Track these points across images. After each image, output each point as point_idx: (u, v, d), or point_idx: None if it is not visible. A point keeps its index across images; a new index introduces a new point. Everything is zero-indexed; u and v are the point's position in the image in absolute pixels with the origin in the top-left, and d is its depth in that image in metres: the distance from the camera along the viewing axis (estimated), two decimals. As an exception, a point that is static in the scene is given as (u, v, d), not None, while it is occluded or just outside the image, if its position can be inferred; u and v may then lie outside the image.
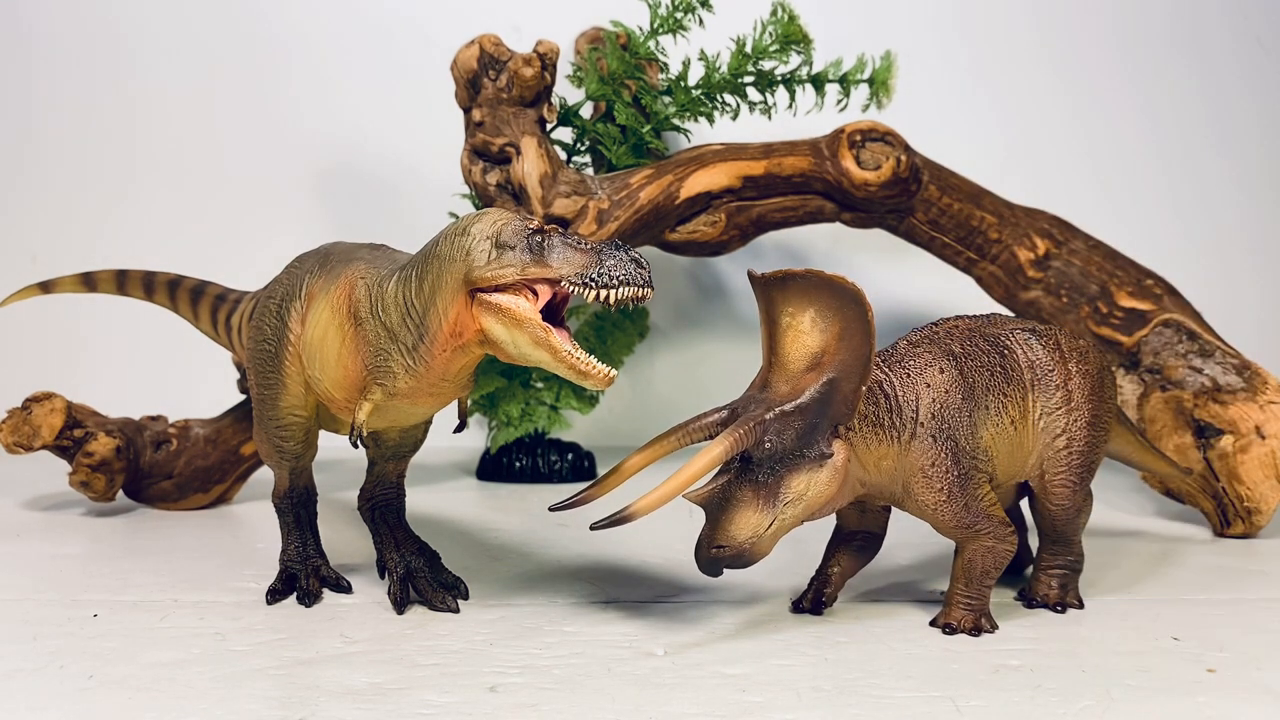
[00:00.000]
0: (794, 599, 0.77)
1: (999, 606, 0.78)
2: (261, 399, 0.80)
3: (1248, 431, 1.01)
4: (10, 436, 1.05)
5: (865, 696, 0.61)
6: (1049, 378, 0.74)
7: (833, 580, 0.77)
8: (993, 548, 0.71)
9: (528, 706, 0.59)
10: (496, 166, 1.09)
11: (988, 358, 0.73)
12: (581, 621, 0.74)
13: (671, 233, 1.15)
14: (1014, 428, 0.73)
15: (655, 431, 0.72)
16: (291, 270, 0.82)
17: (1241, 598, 0.82)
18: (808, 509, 0.68)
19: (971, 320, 0.76)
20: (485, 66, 1.08)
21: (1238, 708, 0.60)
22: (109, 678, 0.63)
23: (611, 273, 0.64)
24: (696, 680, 0.64)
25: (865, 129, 1.14)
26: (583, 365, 0.65)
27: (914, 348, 0.73)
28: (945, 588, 0.83)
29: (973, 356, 0.73)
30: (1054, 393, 0.74)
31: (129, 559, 0.91)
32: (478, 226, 0.67)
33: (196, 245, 1.46)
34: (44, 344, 1.47)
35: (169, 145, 1.49)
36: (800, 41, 1.14)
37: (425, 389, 0.71)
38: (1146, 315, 1.11)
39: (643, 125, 1.16)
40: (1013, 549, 0.72)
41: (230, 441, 1.11)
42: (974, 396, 0.71)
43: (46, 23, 1.48)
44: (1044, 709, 0.60)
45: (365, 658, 0.67)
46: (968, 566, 0.72)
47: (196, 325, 1.01)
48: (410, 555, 0.80)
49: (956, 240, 1.17)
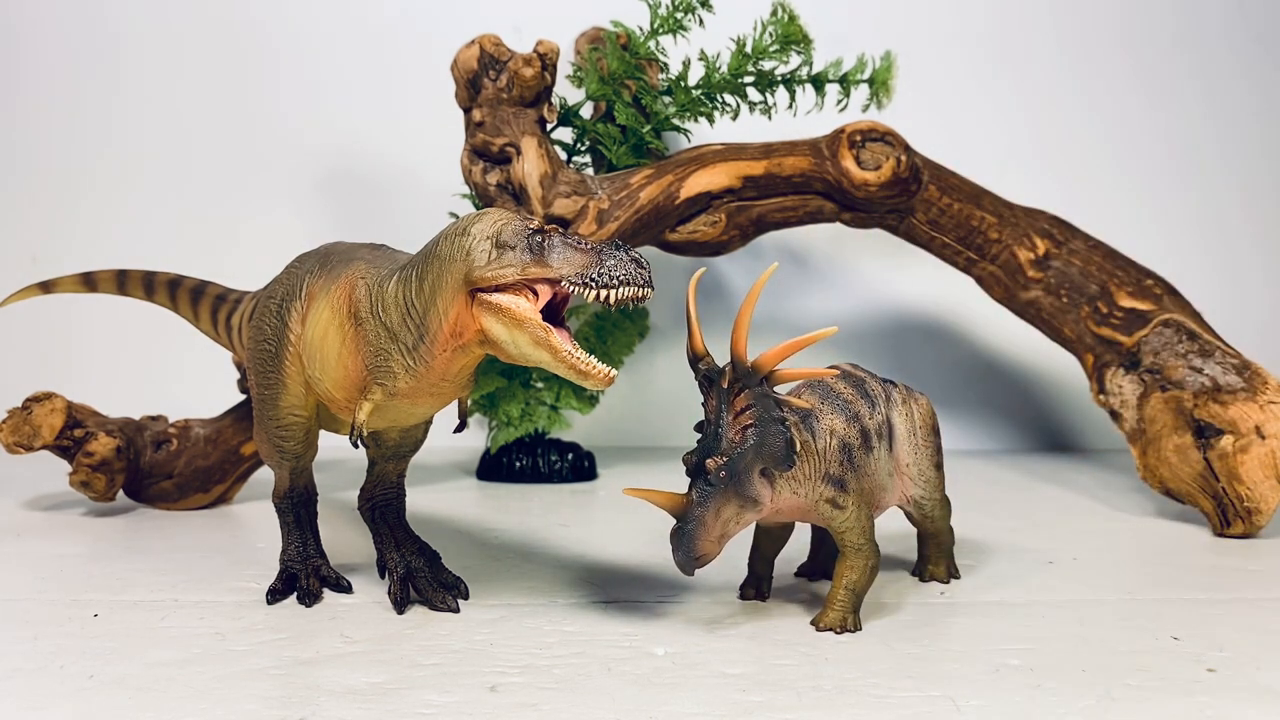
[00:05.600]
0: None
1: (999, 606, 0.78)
2: (261, 399, 0.80)
3: (1248, 431, 1.01)
4: (10, 436, 1.05)
5: (865, 696, 0.61)
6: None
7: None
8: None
9: (528, 706, 0.59)
10: (496, 166, 1.09)
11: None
12: (581, 621, 0.74)
13: (671, 233, 1.15)
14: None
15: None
16: (291, 270, 0.82)
17: (1241, 598, 0.82)
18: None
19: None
20: (485, 66, 1.08)
21: (1238, 708, 0.60)
22: (109, 678, 0.63)
23: (612, 273, 0.64)
24: (696, 680, 0.64)
25: (865, 129, 1.14)
26: (583, 365, 0.65)
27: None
28: (945, 588, 0.84)
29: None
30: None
31: (129, 559, 0.91)
32: (478, 226, 0.67)
33: (196, 245, 1.46)
34: (44, 344, 1.47)
35: (169, 145, 1.49)
36: (800, 41, 1.14)
37: (425, 389, 0.71)
38: (1146, 315, 1.11)
39: (643, 125, 1.16)
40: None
41: (230, 441, 1.11)
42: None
43: (47, 23, 1.48)
44: (1044, 709, 0.60)
45: (365, 658, 0.67)
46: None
47: (196, 325, 1.01)
48: (410, 555, 0.80)
49: (956, 240, 1.17)
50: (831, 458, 0.72)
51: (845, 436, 0.73)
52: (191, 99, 1.49)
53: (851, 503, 0.73)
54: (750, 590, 0.80)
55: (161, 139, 1.49)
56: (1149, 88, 1.54)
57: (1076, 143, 1.54)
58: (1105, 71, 1.54)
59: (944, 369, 1.53)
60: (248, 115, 1.49)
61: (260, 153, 1.49)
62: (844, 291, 1.53)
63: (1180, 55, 1.54)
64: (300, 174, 1.49)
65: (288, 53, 1.49)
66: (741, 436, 0.68)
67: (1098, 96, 1.54)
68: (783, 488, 0.70)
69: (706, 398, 0.70)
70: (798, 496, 0.71)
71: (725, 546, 0.70)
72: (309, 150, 1.49)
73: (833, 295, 1.52)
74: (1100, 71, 1.54)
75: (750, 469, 0.68)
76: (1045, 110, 1.54)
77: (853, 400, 0.75)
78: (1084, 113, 1.54)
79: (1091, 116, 1.54)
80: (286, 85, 1.50)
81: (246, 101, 1.49)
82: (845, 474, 0.72)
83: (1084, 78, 1.54)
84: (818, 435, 0.72)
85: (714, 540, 0.68)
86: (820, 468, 0.72)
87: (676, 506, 0.69)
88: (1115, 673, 0.65)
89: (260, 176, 1.49)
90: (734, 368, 0.69)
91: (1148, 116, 1.54)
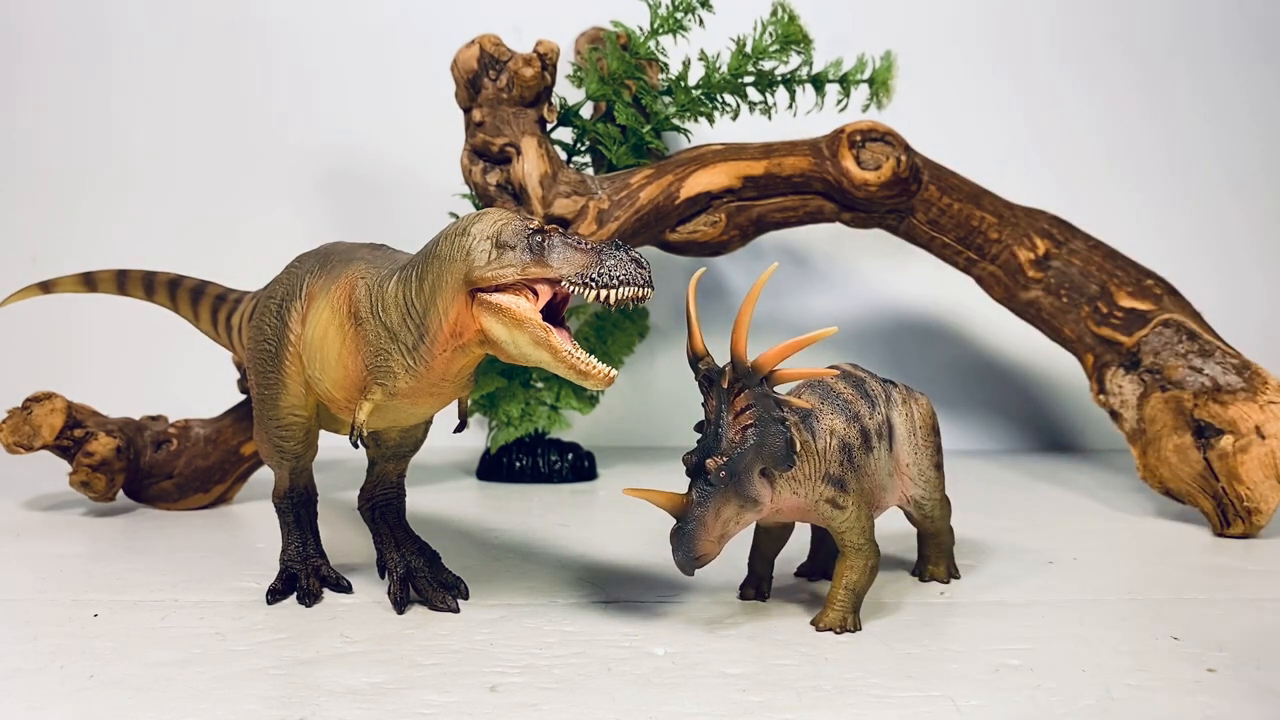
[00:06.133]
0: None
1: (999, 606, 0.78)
2: (261, 399, 0.80)
3: (1248, 431, 1.01)
4: (10, 436, 1.05)
5: (865, 696, 0.61)
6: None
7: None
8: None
9: (528, 706, 0.59)
10: (496, 166, 1.09)
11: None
12: (581, 621, 0.74)
13: (671, 233, 1.15)
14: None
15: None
16: (291, 270, 0.82)
17: (1241, 598, 0.82)
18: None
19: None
20: (485, 66, 1.08)
21: (1238, 708, 0.60)
22: (109, 678, 0.63)
23: (612, 272, 0.64)
24: (696, 680, 0.64)
25: (865, 129, 1.14)
26: (583, 365, 0.65)
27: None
28: (945, 588, 0.84)
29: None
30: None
31: (129, 559, 0.91)
32: (478, 226, 0.67)
33: (196, 245, 1.46)
34: (44, 344, 1.47)
35: (169, 145, 1.49)
36: (800, 41, 1.14)
37: (425, 389, 0.71)
38: (1146, 315, 1.11)
39: (643, 125, 1.16)
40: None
41: (230, 441, 1.11)
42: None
43: (47, 23, 1.48)
44: (1044, 709, 0.60)
45: (365, 658, 0.67)
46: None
47: (196, 325, 1.01)
48: (410, 555, 0.80)
49: (956, 240, 1.17)
50: (831, 458, 0.72)
51: (845, 436, 0.73)
52: (191, 99, 1.49)
53: (851, 503, 0.73)
54: (750, 590, 0.80)
55: (161, 139, 1.49)
56: (1149, 88, 1.54)
57: (1076, 143, 1.54)
58: (1105, 72, 1.54)
59: (944, 369, 1.53)
60: (247, 115, 1.49)
61: (260, 153, 1.49)
62: (844, 291, 1.53)
63: (1180, 55, 1.54)
64: (300, 174, 1.49)
65: (288, 53, 1.49)
66: (741, 436, 0.68)
67: (1098, 97, 1.54)
68: (783, 488, 0.70)
69: (706, 398, 0.70)
70: (798, 496, 0.71)
71: (725, 546, 0.70)
72: (309, 150, 1.49)
73: (833, 295, 1.52)
74: (1100, 72, 1.54)
75: (750, 469, 0.68)
76: (1045, 110, 1.54)
77: (853, 400, 0.75)
78: (1084, 113, 1.54)
79: (1091, 117, 1.54)
80: (286, 85, 1.49)
81: (246, 102, 1.49)
82: (845, 474, 0.72)
83: (1084, 78, 1.54)
84: (818, 435, 0.72)
85: (714, 540, 0.68)
86: (820, 468, 0.72)
87: (676, 506, 0.69)
88: (1115, 673, 0.65)
89: (260, 176, 1.49)
90: (734, 368, 0.69)
91: (1148, 117, 1.54)
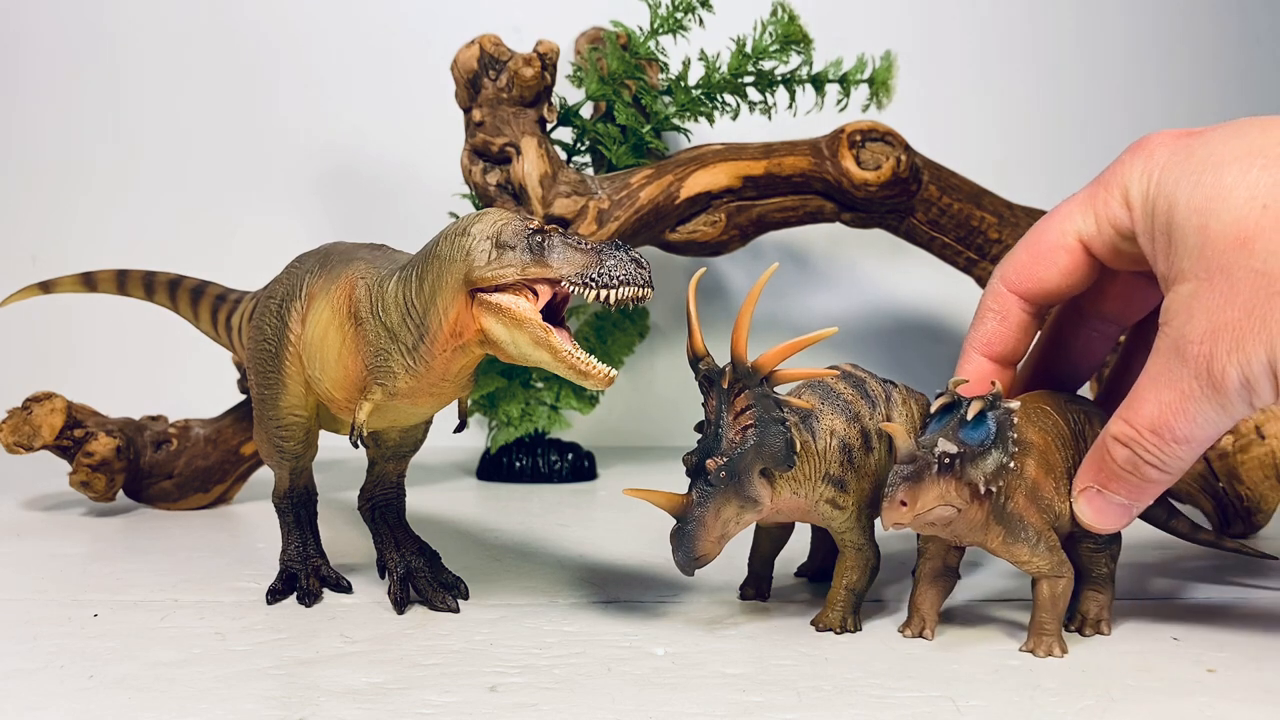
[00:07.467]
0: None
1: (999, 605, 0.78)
2: (262, 399, 0.80)
3: (1248, 431, 1.01)
4: (10, 436, 1.05)
5: (865, 696, 0.61)
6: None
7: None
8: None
9: (528, 706, 0.59)
10: (496, 166, 1.09)
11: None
12: (581, 621, 0.74)
13: (671, 233, 1.15)
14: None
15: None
16: (291, 270, 0.82)
17: (1241, 598, 0.82)
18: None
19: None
20: (485, 66, 1.08)
21: (1238, 708, 0.60)
22: (109, 678, 0.63)
23: (612, 273, 0.64)
24: (696, 680, 0.64)
25: (865, 129, 1.14)
26: (583, 365, 0.65)
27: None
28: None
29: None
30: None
31: (129, 559, 0.91)
32: (478, 227, 0.67)
33: (196, 245, 1.46)
34: (44, 344, 1.47)
35: (169, 145, 1.49)
36: (800, 41, 1.14)
37: (425, 389, 0.71)
38: (1146, 315, 1.11)
39: (643, 125, 1.16)
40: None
41: (230, 441, 1.11)
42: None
43: (47, 23, 1.48)
44: (1044, 709, 0.60)
45: (365, 658, 0.67)
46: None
47: (196, 325, 1.01)
48: (410, 555, 0.80)
49: (956, 240, 1.17)
50: (832, 458, 0.72)
51: (845, 437, 0.73)
52: (191, 99, 1.49)
53: (851, 503, 0.73)
54: (750, 590, 0.80)
55: (161, 139, 1.49)
56: (1149, 88, 1.54)
57: (1076, 143, 1.54)
58: (1105, 71, 1.54)
59: (944, 369, 1.53)
60: (248, 115, 1.49)
61: (260, 152, 1.49)
62: (844, 291, 1.53)
63: (1180, 55, 1.54)
64: (300, 174, 1.49)
65: (288, 53, 1.49)
66: (742, 437, 0.68)
67: (1098, 96, 1.54)
68: (783, 488, 0.70)
69: (706, 398, 0.70)
70: (798, 497, 0.71)
71: (725, 546, 0.70)
72: (309, 150, 1.49)
73: (833, 295, 1.52)
74: (1100, 71, 1.54)
75: (750, 469, 0.68)
76: (1045, 110, 1.54)
77: (853, 401, 0.75)
78: (1084, 112, 1.54)
79: (1091, 116, 1.54)
80: (287, 85, 1.50)
81: (246, 101, 1.50)
82: (845, 474, 0.72)
83: (1084, 78, 1.54)
84: (818, 436, 0.72)
85: (714, 540, 0.68)
86: (820, 468, 0.72)
87: (676, 507, 0.69)
88: (1115, 673, 0.65)
89: (260, 176, 1.49)
90: (734, 368, 0.69)
91: (1148, 116, 1.54)
